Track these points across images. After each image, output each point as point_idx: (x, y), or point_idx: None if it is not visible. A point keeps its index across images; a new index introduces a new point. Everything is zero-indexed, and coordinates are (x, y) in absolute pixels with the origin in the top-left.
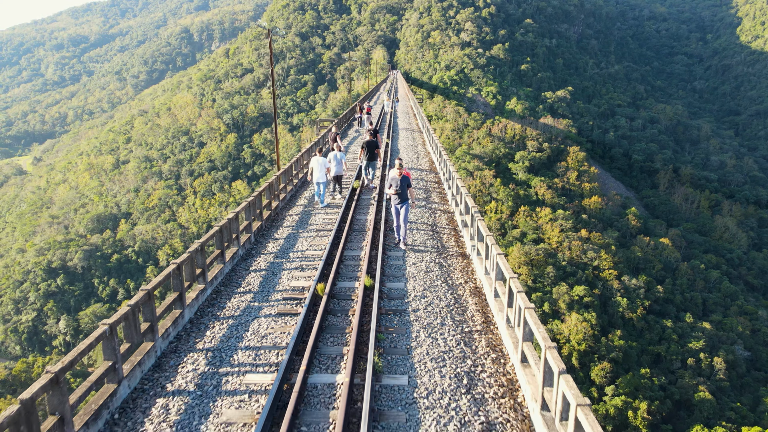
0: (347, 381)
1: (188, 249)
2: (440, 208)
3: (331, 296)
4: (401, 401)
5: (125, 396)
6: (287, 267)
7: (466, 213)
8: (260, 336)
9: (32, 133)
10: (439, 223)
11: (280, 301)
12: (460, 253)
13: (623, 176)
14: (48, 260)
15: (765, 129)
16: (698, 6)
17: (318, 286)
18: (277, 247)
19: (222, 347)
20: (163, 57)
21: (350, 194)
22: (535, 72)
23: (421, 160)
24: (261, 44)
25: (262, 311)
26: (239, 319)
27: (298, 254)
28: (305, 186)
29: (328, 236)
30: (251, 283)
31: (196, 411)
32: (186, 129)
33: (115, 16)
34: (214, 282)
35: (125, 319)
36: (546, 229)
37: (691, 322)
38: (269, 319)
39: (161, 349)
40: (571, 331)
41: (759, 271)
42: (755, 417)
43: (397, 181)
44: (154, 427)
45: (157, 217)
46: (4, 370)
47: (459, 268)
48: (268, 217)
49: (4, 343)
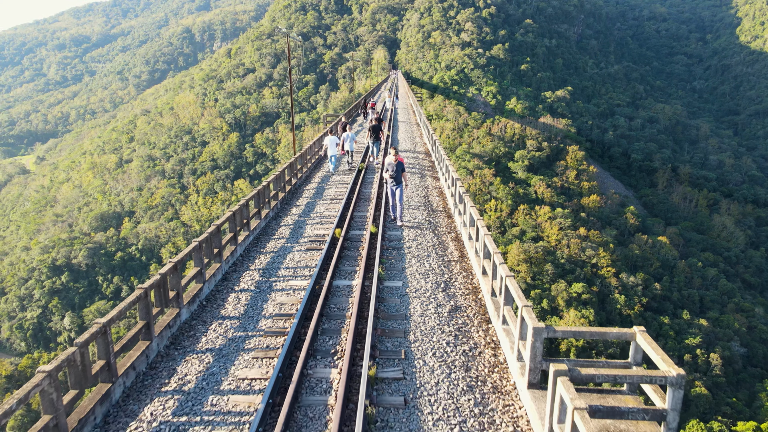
0: (360, 283)
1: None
2: (433, 184)
3: (345, 239)
4: (397, 293)
5: (207, 293)
6: (309, 222)
7: (453, 185)
8: (296, 261)
9: (35, 132)
10: (430, 195)
11: (307, 242)
12: (447, 214)
13: (622, 175)
14: (52, 258)
15: (764, 129)
16: (698, 6)
17: (335, 231)
18: (299, 210)
19: (269, 267)
20: (164, 57)
21: (356, 174)
22: (535, 72)
23: (418, 148)
24: (262, 44)
25: (294, 248)
26: (278, 252)
27: (317, 214)
28: (318, 168)
29: (340, 203)
30: (283, 233)
31: (258, 298)
32: (188, 128)
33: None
34: (255, 231)
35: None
36: (545, 227)
37: (688, 319)
38: (300, 252)
39: (224, 270)
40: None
41: (756, 269)
42: (751, 412)
43: (393, 166)
44: (232, 306)
45: (160, 215)
46: (10, 366)
47: (444, 223)
48: (290, 190)
49: (9, 340)
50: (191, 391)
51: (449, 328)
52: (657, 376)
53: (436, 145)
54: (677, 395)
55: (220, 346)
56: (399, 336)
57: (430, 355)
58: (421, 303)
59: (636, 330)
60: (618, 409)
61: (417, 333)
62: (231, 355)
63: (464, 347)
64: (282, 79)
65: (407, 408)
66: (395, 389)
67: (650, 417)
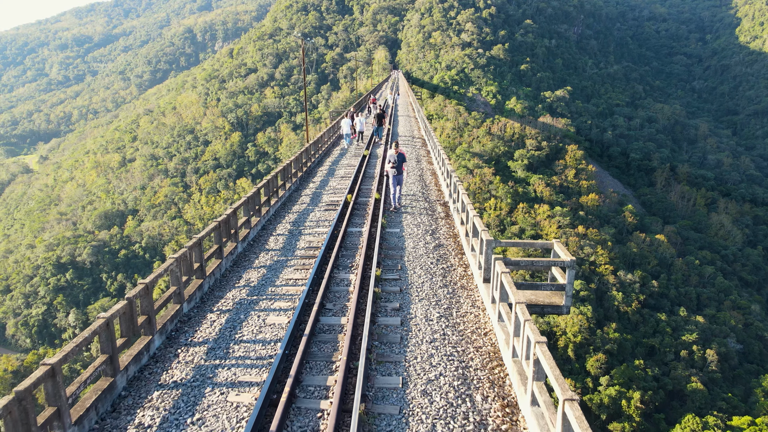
0: (368, 229)
1: (269, 173)
2: (427, 167)
3: (354, 203)
4: (396, 235)
5: (253, 236)
6: (325, 192)
7: (443, 164)
8: (317, 217)
9: (37, 132)
10: (424, 174)
11: (325, 206)
12: (438, 189)
13: (621, 174)
14: (57, 255)
15: (762, 128)
16: (698, 6)
17: (347, 197)
18: (315, 185)
19: (297, 221)
20: (166, 57)
21: (361, 160)
22: (535, 72)
23: (415, 138)
24: (264, 44)
25: (315, 210)
26: (302, 212)
27: (331, 188)
28: (328, 154)
29: (350, 179)
30: (304, 200)
31: (292, 239)
32: (191, 128)
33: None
34: (282, 198)
35: (250, 199)
36: (544, 225)
37: (685, 316)
38: (320, 212)
39: (262, 223)
40: (567, 324)
41: (753, 267)
42: (746, 407)
43: (395, 157)
44: (273, 243)
45: (164, 213)
46: (16, 362)
47: (435, 194)
48: (306, 171)
49: (14, 336)
50: (256, 286)
51: (433, 255)
52: (558, 261)
53: (429, 132)
54: (571, 273)
55: (270, 264)
56: (397, 258)
57: (418, 268)
58: (413, 241)
59: (554, 241)
60: (535, 284)
61: (410, 257)
62: (279, 268)
63: (443, 265)
64: (284, 79)
65: (401, 293)
66: (394, 283)
67: (555, 288)
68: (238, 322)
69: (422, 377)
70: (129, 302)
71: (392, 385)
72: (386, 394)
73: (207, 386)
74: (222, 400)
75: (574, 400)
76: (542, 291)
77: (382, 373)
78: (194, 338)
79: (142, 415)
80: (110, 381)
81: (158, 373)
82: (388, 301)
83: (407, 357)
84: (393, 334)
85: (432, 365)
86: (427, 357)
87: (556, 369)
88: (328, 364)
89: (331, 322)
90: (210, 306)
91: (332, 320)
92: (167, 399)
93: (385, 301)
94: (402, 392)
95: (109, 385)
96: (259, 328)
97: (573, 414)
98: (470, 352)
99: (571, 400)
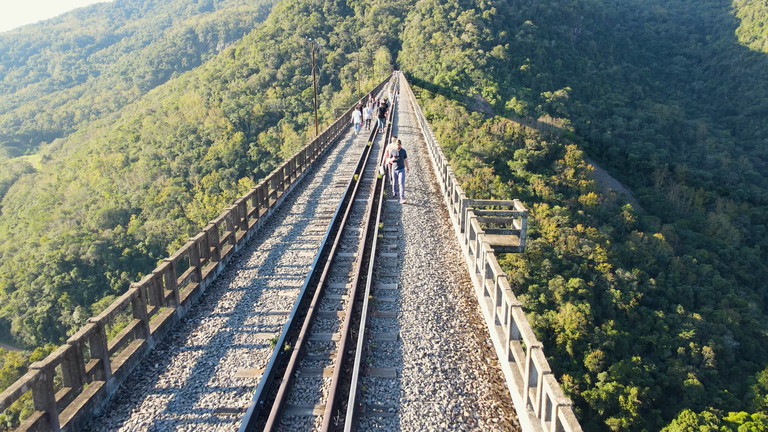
0: (372, 199)
1: (287, 159)
2: (423, 156)
3: (361, 182)
4: (395, 204)
5: (279, 204)
6: (335, 174)
7: (433, 144)
8: (330, 192)
9: (40, 132)
10: (420, 161)
11: (335, 184)
12: (431, 172)
13: (619, 174)
14: (61, 254)
15: (761, 128)
16: (698, 7)
17: (354, 176)
18: (325, 169)
19: (314, 194)
20: (168, 57)
21: (365, 150)
22: (535, 72)
23: (414, 131)
24: (266, 45)
25: (327, 187)
26: (316, 189)
27: (340, 171)
28: (335, 145)
29: (355, 164)
30: (317, 180)
31: (311, 206)
32: (194, 127)
33: (120, 17)
34: (298, 179)
35: (275, 176)
36: (543, 224)
37: (682, 314)
38: (331, 188)
39: (285, 196)
40: (565, 321)
41: (750, 266)
42: (742, 403)
43: (396, 152)
44: (296, 208)
45: (167, 212)
46: (22, 358)
47: (429, 175)
48: (316, 158)
49: (20, 334)
50: (286, 236)
51: (424, 218)
52: (514, 212)
53: (424, 123)
54: (524, 222)
55: (296, 222)
56: (395, 218)
57: (412, 225)
58: (408, 208)
59: (515, 200)
60: (498, 230)
61: (404, 218)
62: (303, 225)
63: (431, 224)
64: (285, 80)
65: (398, 239)
66: (392, 233)
67: (512, 233)
68: (277, 256)
69: (411, 285)
70: (205, 234)
71: (391, 287)
72: (386, 292)
73: (263, 289)
74: (274, 295)
75: (503, 276)
76: (504, 235)
77: (384, 282)
78: (246, 265)
79: (221, 305)
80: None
81: (226, 283)
82: (388, 243)
83: (402, 274)
84: (391, 262)
85: (419, 279)
86: (415, 275)
87: (498, 269)
88: (346, 277)
89: (346, 256)
90: (254, 248)
91: (347, 255)
92: (237, 296)
93: (386, 243)
94: (398, 292)
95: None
96: (294, 258)
97: (503, 287)
98: (447, 275)
99: (502, 276)
